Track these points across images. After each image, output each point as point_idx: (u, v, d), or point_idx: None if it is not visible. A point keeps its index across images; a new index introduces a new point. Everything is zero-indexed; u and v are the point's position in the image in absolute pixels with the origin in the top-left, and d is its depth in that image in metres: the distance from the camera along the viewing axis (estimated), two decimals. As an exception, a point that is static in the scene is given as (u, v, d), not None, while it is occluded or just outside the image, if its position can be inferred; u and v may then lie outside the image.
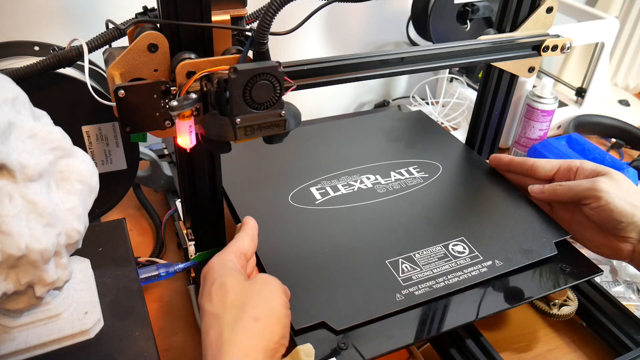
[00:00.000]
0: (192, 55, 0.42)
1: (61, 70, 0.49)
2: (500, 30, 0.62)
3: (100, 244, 0.52)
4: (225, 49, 0.44)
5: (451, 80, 0.99)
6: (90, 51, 0.43)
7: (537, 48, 0.61)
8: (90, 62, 0.59)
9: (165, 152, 0.80)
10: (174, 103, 0.40)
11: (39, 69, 0.44)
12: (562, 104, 0.98)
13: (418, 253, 0.53)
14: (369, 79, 0.52)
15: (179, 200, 0.65)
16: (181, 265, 0.56)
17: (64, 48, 0.44)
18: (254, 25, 0.43)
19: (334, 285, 0.49)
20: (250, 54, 0.43)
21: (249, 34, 0.43)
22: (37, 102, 0.39)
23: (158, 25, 0.42)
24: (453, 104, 0.93)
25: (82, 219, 0.39)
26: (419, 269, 0.51)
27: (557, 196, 0.57)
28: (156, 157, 0.71)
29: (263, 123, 0.42)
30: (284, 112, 0.43)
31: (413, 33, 0.93)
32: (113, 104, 0.41)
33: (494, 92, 0.67)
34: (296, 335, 0.44)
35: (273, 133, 0.44)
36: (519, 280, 0.52)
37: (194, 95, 0.41)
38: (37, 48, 0.59)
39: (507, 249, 0.54)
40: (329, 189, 0.61)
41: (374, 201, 0.60)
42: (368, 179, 0.64)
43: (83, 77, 0.47)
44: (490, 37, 0.59)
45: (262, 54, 0.42)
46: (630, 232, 0.53)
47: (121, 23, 0.43)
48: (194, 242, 0.56)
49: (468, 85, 0.98)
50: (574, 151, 0.78)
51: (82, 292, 0.46)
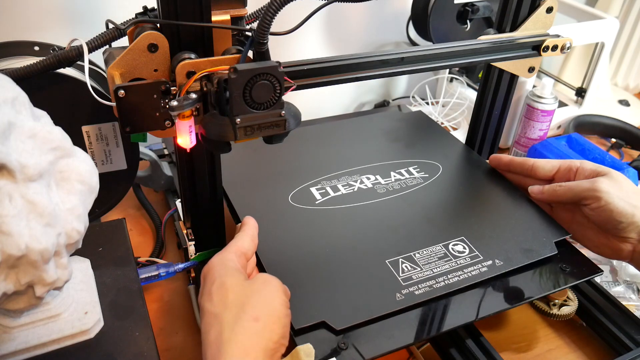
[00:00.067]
0: (192, 55, 0.42)
1: (61, 70, 0.49)
2: (500, 30, 0.62)
3: (100, 244, 0.52)
4: (225, 49, 0.44)
5: (451, 80, 0.99)
6: (90, 51, 0.43)
7: (537, 48, 0.61)
8: (90, 62, 0.59)
9: (165, 152, 0.80)
10: (174, 103, 0.40)
11: (39, 69, 0.44)
12: (562, 104, 0.98)
13: (418, 253, 0.53)
14: (369, 79, 0.53)
15: (179, 200, 0.65)
16: (181, 265, 0.56)
17: (64, 48, 0.44)
18: (254, 25, 0.43)
19: (334, 284, 0.49)
20: (250, 54, 0.43)
21: (249, 34, 0.43)
22: (37, 102, 0.39)
23: (158, 25, 0.42)
24: (453, 104, 0.93)
25: (82, 219, 0.39)
26: (419, 269, 0.51)
27: (557, 197, 0.57)
28: (156, 157, 0.71)
29: (263, 123, 0.42)
30: (284, 112, 0.43)
31: (413, 33, 0.93)
32: (113, 104, 0.41)
33: (494, 92, 0.67)
34: (296, 334, 0.44)
35: (273, 133, 0.44)
36: (519, 280, 0.52)
37: (194, 95, 0.41)
38: (37, 48, 0.59)
39: (507, 249, 0.54)
40: (329, 189, 0.61)
41: (374, 201, 0.60)
42: (368, 179, 0.64)
43: (83, 77, 0.47)
44: (490, 37, 0.59)
45: (262, 54, 0.42)
46: (630, 232, 0.53)
47: (121, 23, 0.43)
48: (194, 242, 0.56)
49: (468, 85, 0.98)
50: (574, 151, 0.78)
51: (82, 292, 0.46)
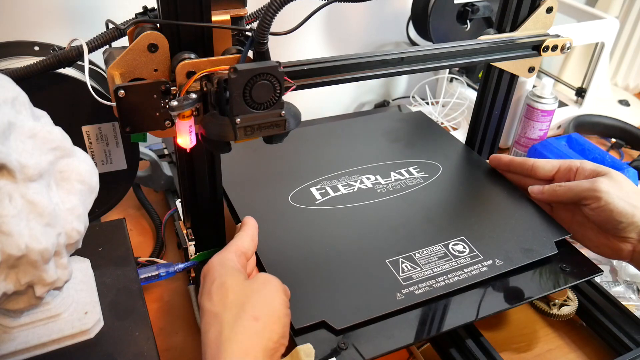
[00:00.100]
0: (192, 55, 0.42)
1: (61, 70, 0.49)
2: (500, 30, 0.62)
3: (100, 244, 0.52)
4: (225, 49, 0.44)
5: (451, 80, 0.99)
6: (90, 51, 0.43)
7: (537, 48, 0.61)
8: (90, 62, 0.59)
9: (165, 152, 0.80)
10: (174, 103, 0.40)
11: (39, 69, 0.44)
12: (562, 104, 0.98)
13: (418, 252, 0.53)
14: (369, 79, 0.52)
15: (179, 200, 0.65)
16: (181, 265, 0.56)
17: (64, 48, 0.44)
18: (254, 25, 0.43)
19: (334, 284, 0.49)
20: (250, 54, 0.43)
21: (249, 34, 0.43)
22: (37, 102, 0.39)
23: (158, 25, 0.42)
24: (453, 104, 0.93)
25: (82, 219, 0.39)
26: (419, 269, 0.51)
27: (557, 197, 0.57)
28: (156, 157, 0.71)
29: (263, 123, 0.42)
30: (284, 112, 0.43)
31: (413, 33, 0.93)
32: (113, 104, 0.41)
33: (494, 92, 0.67)
34: (296, 334, 0.44)
35: (273, 133, 0.44)
36: (519, 280, 0.52)
37: (194, 95, 0.41)
38: (37, 48, 0.59)
39: (507, 248, 0.54)
40: (329, 189, 0.61)
41: (374, 201, 0.60)
42: (368, 179, 0.64)
43: (83, 77, 0.47)
44: (490, 37, 0.59)
45: (262, 54, 0.42)
46: (630, 232, 0.53)
47: (121, 23, 0.43)
48: (194, 242, 0.56)
49: (468, 85, 0.98)
50: (574, 151, 0.78)
51: (82, 292, 0.46)
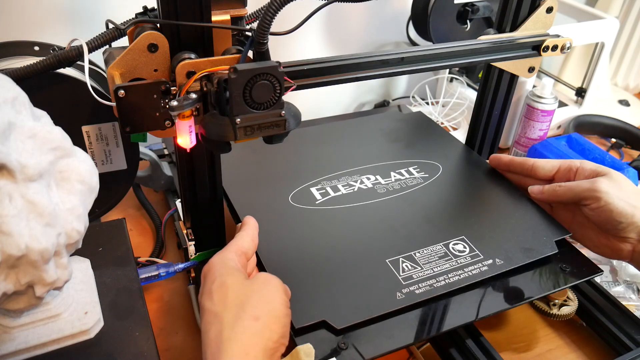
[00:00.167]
0: (192, 55, 0.42)
1: (61, 70, 0.49)
2: (500, 30, 0.62)
3: (100, 244, 0.52)
4: (225, 49, 0.44)
5: (451, 80, 0.99)
6: (90, 51, 0.43)
7: (537, 48, 0.61)
8: (90, 62, 0.59)
9: (165, 152, 0.80)
10: (174, 103, 0.40)
11: (39, 69, 0.44)
12: (562, 104, 0.98)
13: (418, 252, 0.53)
14: (369, 79, 0.52)
15: (179, 200, 0.65)
16: (181, 265, 0.56)
17: (64, 48, 0.44)
18: (254, 25, 0.43)
19: (334, 284, 0.49)
20: (250, 54, 0.43)
21: (249, 34, 0.43)
22: (37, 102, 0.39)
23: (158, 25, 0.42)
24: (453, 104, 0.93)
25: (82, 219, 0.39)
26: (420, 268, 0.51)
27: (557, 197, 0.57)
28: (156, 157, 0.71)
29: (263, 123, 0.42)
30: (284, 112, 0.43)
31: (413, 33, 0.93)
32: (113, 104, 0.41)
33: (494, 92, 0.67)
34: (296, 334, 0.44)
35: (273, 133, 0.44)
36: (519, 280, 0.52)
37: (194, 95, 0.41)
38: (37, 48, 0.59)
39: (507, 248, 0.54)
40: (329, 189, 0.61)
41: (374, 201, 0.60)
42: (368, 179, 0.64)
43: (83, 77, 0.47)
44: (490, 37, 0.59)
45: (262, 54, 0.42)
46: (630, 233, 0.53)
47: (121, 23, 0.43)
48: (194, 242, 0.56)
49: (468, 85, 0.98)
50: (574, 151, 0.78)
51: (82, 292, 0.46)
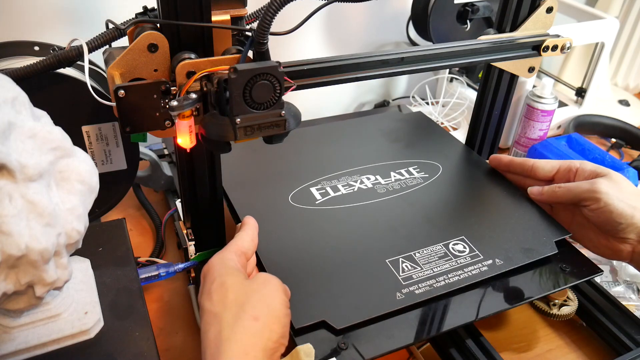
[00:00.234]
0: (192, 55, 0.42)
1: (61, 70, 0.49)
2: (500, 30, 0.62)
3: (100, 244, 0.52)
4: (225, 49, 0.44)
5: (451, 80, 0.99)
6: (90, 51, 0.43)
7: (537, 48, 0.61)
8: (90, 62, 0.59)
9: (165, 152, 0.80)
10: (174, 103, 0.40)
11: (39, 69, 0.44)
12: (562, 104, 0.98)
13: (418, 252, 0.53)
14: (369, 79, 0.52)
15: (179, 200, 0.65)
16: (181, 265, 0.56)
17: (64, 48, 0.44)
18: (254, 25, 0.43)
19: (334, 284, 0.49)
20: (250, 54, 0.43)
21: (249, 34, 0.43)
22: (37, 102, 0.39)
23: (158, 25, 0.42)
24: (453, 104, 0.93)
25: (82, 219, 0.39)
26: (420, 268, 0.51)
27: (557, 198, 0.57)
28: (156, 157, 0.71)
29: (263, 123, 0.42)
30: (284, 112, 0.43)
31: (413, 33, 0.93)
32: (113, 104, 0.41)
33: (494, 92, 0.67)
34: (296, 334, 0.44)
35: (273, 133, 0.44)
36: (519, 280, 0.52)
37: (194, 95, 0.41)
38: (37, 48, 0.59)
39: (507, 248, 0.54)
40: (329, 189, 0.61)
41: (374, 201, 0.60)
42: (368, 179, 0.64)
43: (83, 77, 0.47)
44: (490, 37, 0.59)
45: (262, 54, 0.42)
46: (629, 234, 0.52)
47: (121, 23, 0.43)
48: (194, 242, 0.56)
49: (468, 85, 0.98)
50: (574, 151, 0.78)
51: (82, 292, 0.46)
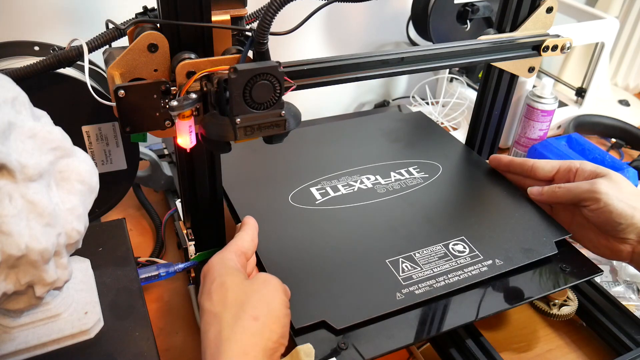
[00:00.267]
0: (192, 55, 0.42)
1: (61, 70, 0.49)
2: (500, 30, 0.62)
3: (100, 244, 0.52)
4: (225, 49, 0.44)
5: (451, 80, 0.99)
6: (90, 51, 0.43)
7: (537, 48, 0.61)
8: (90, 62, 0.59)
9: (165, 152, 0.80)
10: (174, 103, 0.40)
11: (39, 69, 0.44)
12: (562, 104, 0.98)
13: (418, 252, 0.53)
14: (369, 79, 0.52)
15: (179, 200, 0.65)
16: (181, 265, 0.56)
17: (64, 48, 0.44)
18: (254, 25, 0.43)
19: (334, 284, 0.49)
20: (250, 54, 0.43)
21: (249, 34, 0.43)
22: (37, 102, 0.39)
23: (158, 25, 0.42)
24: (453, 104, 0.93)
25: (82, 219, 0.39)
26: (419, 268, 0.51)
27: (557, 198, 0.57)
28: (156, 157, 0.71)
29: (263, 123, 0.42)
30: (284, 112, 0.43)
31: (413, 33, 0.93)
32: (113, 104, 0.41)
33: (494, 92, 0.67)
34: (296, 334, 0.44)
35: (273, 133, 0.44)
36: (519, 280, 0.52)
37: (194, 95, 0.41)
38: (37, 48, 0.59)
39: (507, 248, 0.54)
40: (329, 189, 0.61)
41: (374, 201, 0.60)
42: (368, 179, 0.64)
43: (83, 77, 0.47)
44: (490, 37, 0.59)
45: (262, 54, 0.42)
46: (629, 234, 0.52)
47: (121, 23, 0.43)
48: (194, 242, 0.56)
49: (468, 85, 0.98)
50: (574, 151, 0.78)
51: (82, 292, 0.46)
